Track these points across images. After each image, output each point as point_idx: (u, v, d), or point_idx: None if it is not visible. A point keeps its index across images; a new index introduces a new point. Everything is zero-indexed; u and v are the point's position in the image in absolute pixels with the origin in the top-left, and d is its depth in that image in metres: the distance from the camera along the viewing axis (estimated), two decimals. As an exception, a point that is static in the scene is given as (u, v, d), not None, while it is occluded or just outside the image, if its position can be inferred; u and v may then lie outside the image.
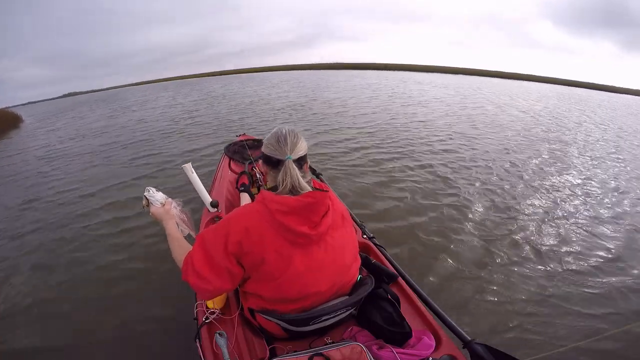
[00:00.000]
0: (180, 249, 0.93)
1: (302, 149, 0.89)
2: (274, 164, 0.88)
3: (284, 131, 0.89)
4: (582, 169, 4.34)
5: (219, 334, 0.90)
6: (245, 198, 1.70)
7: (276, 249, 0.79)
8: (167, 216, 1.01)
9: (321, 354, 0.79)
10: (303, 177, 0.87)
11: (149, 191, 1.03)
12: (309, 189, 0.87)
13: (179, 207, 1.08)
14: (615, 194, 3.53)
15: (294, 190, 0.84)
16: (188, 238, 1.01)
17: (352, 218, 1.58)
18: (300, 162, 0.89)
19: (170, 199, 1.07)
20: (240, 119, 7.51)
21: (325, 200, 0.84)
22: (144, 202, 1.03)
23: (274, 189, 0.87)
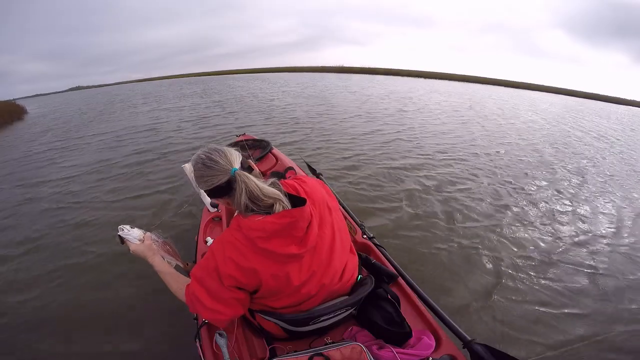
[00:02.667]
0: (177, 283, 0.88)
1: (236, 154, 0.79)
2: (227, 189, 0.76)
3: (202, 156, 0.78)
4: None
5: (219, 334, 0.90)
6: None
7: (272, 273, 0.76)
8: (150, 252, 0.94)
9: (321, 354, 0.79)
10: (264, 182, 0.78)
11: (122, 230, 0.94)
12: (279, 194, 0.77)
13: (159, 239, 1.02)
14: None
15: (257, 200, 0.74)
16: (177, 269, 0.97)
17: (352, 218, 1.57)
18: (245, 166, 0.80)
19: (148, 233, 0.99)
20: (280, 133, 5.68)
21: (304, 213, 0.75)
22: (117, 240, 0.95)
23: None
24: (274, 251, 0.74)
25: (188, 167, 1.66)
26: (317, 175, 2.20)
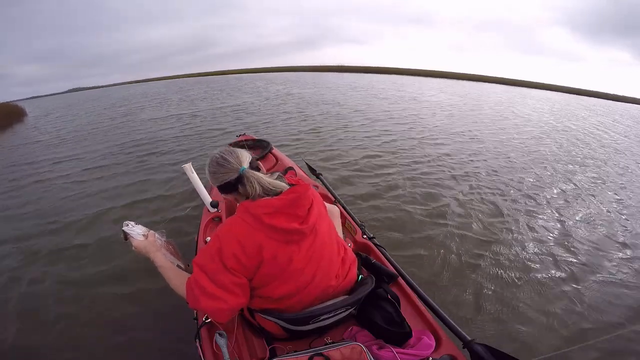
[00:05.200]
0: (178, 278, 0.89)
1: (246, 155, 0.89)
2: (235, 184, 0.85)
3: (217, 155, 0.87)
4: None
5: (219, 334, 0.90)
6: None
7: (273, 255, 0.79)
8: (153, 248, 0.96)
9: (321, 354, 0.79)
10: (270, 176, 0.87)
11: (127, 225, 0.96)
12: (285, 185, 0.87)
13: (162, 237, 1.03)
14: None
15: (268, 192, 0.84)
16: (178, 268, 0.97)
17: (352, 218, 1.57)
18: (254, 166, 0.88)
19: (152, 231, 1.01)
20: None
21: (307, 192, 0.85)
22: (122, 235, 0.96)
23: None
24: (278, 226, 0.78)
25: (188, 167, 1.66)
26: (317, 175, 2.19)
